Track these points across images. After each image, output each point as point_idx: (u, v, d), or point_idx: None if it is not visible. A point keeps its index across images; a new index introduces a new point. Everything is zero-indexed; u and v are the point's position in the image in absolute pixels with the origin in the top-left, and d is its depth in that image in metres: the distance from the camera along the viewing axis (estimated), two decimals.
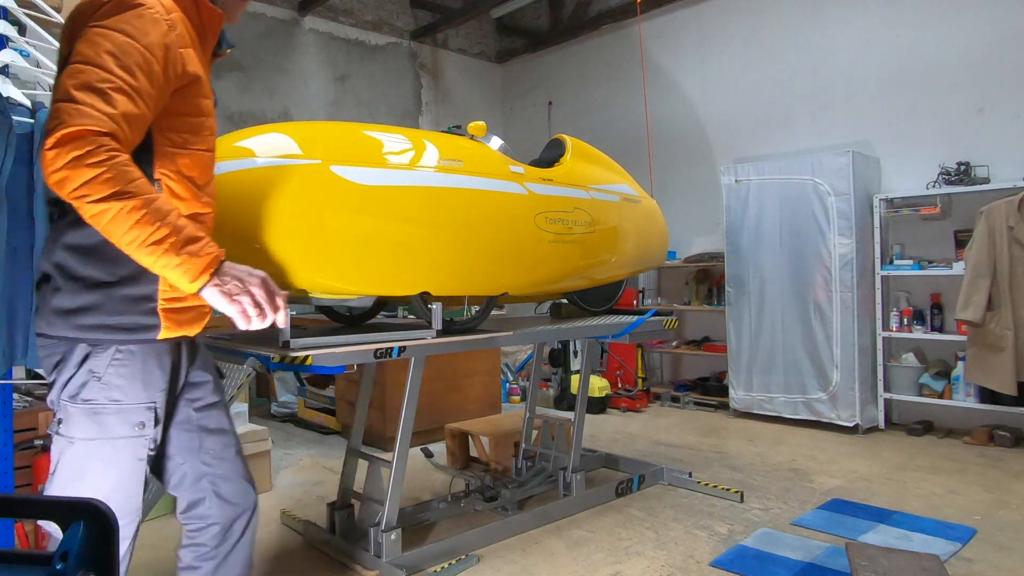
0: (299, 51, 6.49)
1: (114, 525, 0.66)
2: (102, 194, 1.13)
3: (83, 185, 1.13)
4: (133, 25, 1.23)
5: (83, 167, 1.12)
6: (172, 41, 1.28)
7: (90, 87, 1.17)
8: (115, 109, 1.17)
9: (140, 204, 1.16)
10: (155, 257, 1.18)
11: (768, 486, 3.59)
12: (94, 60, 1.19)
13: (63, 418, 1.33)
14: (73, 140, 1.13)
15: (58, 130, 1.13)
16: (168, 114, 1.33)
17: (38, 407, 3.27)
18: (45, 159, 1.14)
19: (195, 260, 1.20)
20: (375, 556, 2.61)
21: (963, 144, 4.67)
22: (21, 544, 2.79)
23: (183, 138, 1.36)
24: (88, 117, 1.14)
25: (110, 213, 1.14)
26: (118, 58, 1.20)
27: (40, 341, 1.38)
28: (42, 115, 2.51)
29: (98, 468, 1.31)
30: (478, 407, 4.94)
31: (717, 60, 6.08)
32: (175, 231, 1.19)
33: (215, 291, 1.23)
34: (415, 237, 2.43)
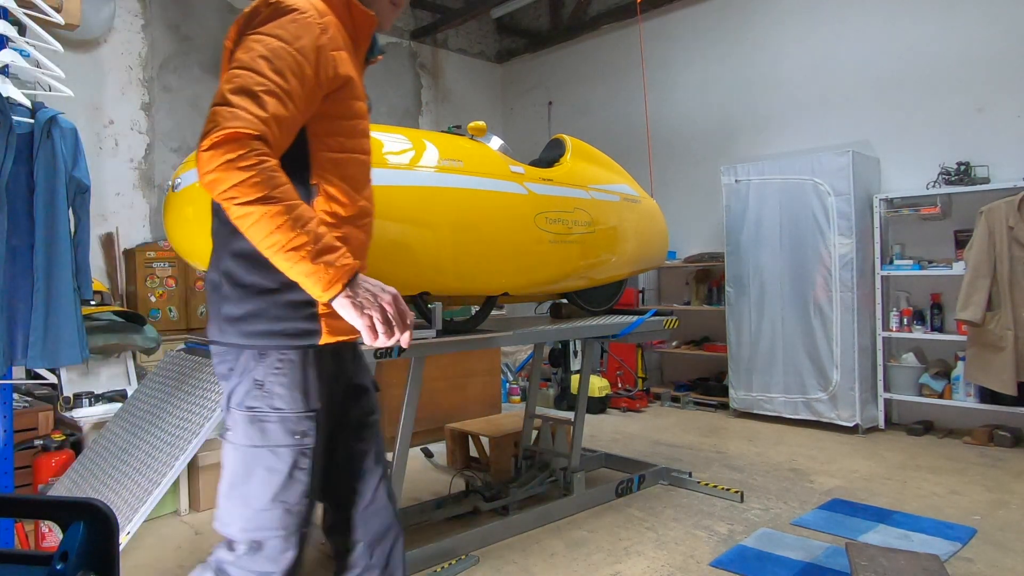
0: None
1: (114, 525, 0.66)
2: (249, 197, 1.16)
3: (232, 187, 1.15)
4: (286, 29, 1.27)
5: (234, 170, 1.15)
6: (324, 44, 1.30)
7: (243, 90, 1.20)
8: (266, 112, 1.20)
9: (283, 210, 1.17)
10: (291, 263, 1.19)
11: (768, 486, 3.59)
12: (248, 65, 1.23)
13: (230, 425, 1.36)
14: (226, 143, 1.15)
15: (212, 133, 1.15)
16: (322, 118, 1.35)
17: (38, 407, 3.27)
18: (200, 161, 1.17)
19: (329, 270, 1.20)
20: None
21: (963, 144, 4.67)
22: (21, 544, 2.79)
23: (338, 141, 1.38)
24: (240, 120, 1.17)
25: (254, 216, 1.17)
26: (271, 62, 1.23)
27: (213, 349, 1.41)
28: (42, 115, 2.51)
29: (261, 475, 1.33)
30: (478, 407, 4.94)
31: (717, 60, 6.07)
32: (313, 239, 1.19)
33: (346, 302, 1.23)
34: (415, 237, 2.43)
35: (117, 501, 2.08)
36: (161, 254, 5.13)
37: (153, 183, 5.56)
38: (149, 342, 3.58)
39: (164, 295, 5.13)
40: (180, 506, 3.33)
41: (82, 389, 3.45)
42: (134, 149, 5.46)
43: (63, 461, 2.98)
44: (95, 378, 3.54)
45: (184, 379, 2.43)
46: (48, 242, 2.51)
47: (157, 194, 5.56)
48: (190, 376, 2.42)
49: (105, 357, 3.53)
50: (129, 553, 2.84)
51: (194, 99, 5.82)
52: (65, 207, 2.56)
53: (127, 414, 2.53)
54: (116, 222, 5.31)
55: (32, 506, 0.73)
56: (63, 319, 2.53)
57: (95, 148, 5.20)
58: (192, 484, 3.36)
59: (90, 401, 3.39)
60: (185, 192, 2.16)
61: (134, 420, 2.44)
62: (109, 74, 5.32)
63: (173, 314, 5.17)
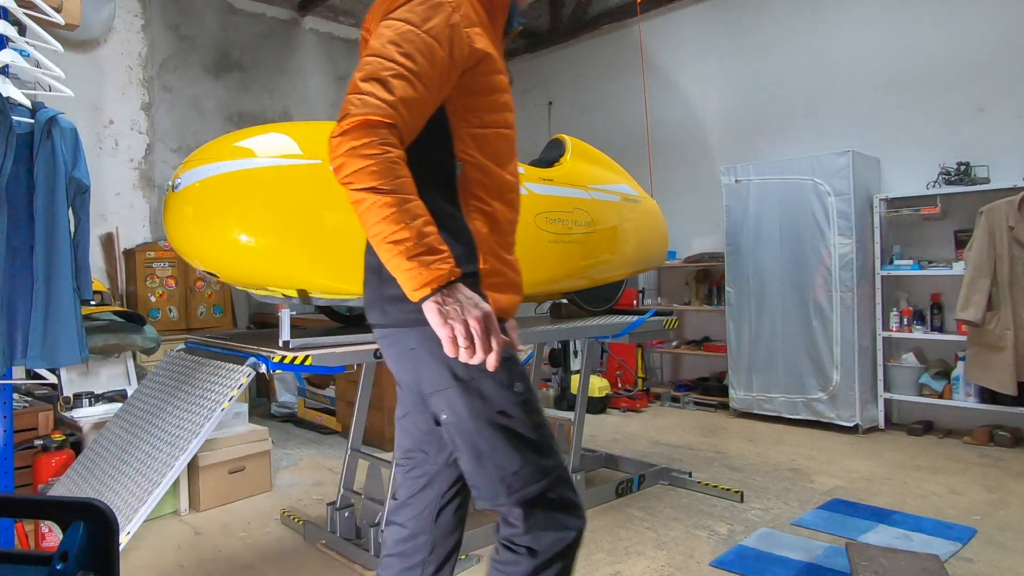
0: (299, 51, 6.49)
1: (114, 525, 0.66)
2: (364, 184, 1.18)
3: (352, 173, 1.18)
4: (415, 12, 1.28)
5: (357, 156, 1.17)
6: (457, 22, 1.30)
7: (372, 77, 1.22)
8: (393, 95, 1.21)
9: (393, 202, 1.18)
10: (390, 256, 1.20)
11: (768, 486, 3.59)
12: (378, 51, 1.25)
13: (444, 407, 1.34)
14: (354, 130, 1.18)
15: (343, 120, 1.19)
16: (462, 94, 1.35)
17: (38, 407, 3.27)
18: (330, 146, 1.21)
19: (423, 271, 1.19)
20: (375, 556, 2.61)
21: (963, 144, 4.67)
22: (21, 544, 2.79)
23: (479, 117, 1.38)
24: (368, 106, 1.19)
25: (365, 203, 1.18)
26: (399, 45, 1.24)
27: (380, 333, 1.41)
28: (42, 115, 2.51)
29: (501, 438, 1.31)
30: None
31: (717, 60, 6.07)
32: (416, 237, 1.19)
33: (433, 308, 1.20)
34: None
35: (117, 501, 2.08)
36: (161, 254, 5.14)
37: (153, 183, 5.56)
38: (149, 342, 3.58)
39: (164, 295, 5.13)
40: (180, 506, 3.33)
41: (82, 389, 3.45)
42: (134, 149, 5.46)
43: (63, 461, 2.98)
44: (95, 378, 3.54)
45: (184, 379, 2.43)
46: (48, 242, 2.51)
47: (157, 194, 5.56)
48: (190, 376, 2.42)
49: (105, 357, 3.53)
50: (129, 553, 2.84)
51: (194, 99, 5.82)
52: (65, 207, 2.56)
53: (127, 414, 2.53)
54: (116, 222, 5.31)
55: (32, 506, 0.73)
56: (63, 319, 2.53)
57: (95, 148, 5.20)
58: (192, 484, 3.36)
59: (90, 401, 3.39)
60: (185, 192, 2.16)
61: (134, 420, 2.44)
62: (109, 74, 5.32)
63: (173, 314, 5.17)
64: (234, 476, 3.48)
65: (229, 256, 2.19)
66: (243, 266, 2.22)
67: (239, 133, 2.27)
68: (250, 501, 3.49)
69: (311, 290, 2.36)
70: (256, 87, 6.20)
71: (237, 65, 6.06)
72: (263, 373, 2.22)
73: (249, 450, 3.54)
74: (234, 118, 6.04)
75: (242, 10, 6.05)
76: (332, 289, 2.37)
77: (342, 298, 2.46)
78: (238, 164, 2.14)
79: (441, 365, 1.31)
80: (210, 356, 2.47)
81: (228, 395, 2.14)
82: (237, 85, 6.07)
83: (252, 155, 2.17)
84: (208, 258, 2.23)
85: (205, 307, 5.33)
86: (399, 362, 1.41)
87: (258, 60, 6.20)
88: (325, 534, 2.91)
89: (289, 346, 2.25)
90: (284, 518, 3.20)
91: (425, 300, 1.20)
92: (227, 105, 6.01)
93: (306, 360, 2.21)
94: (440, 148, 1.34)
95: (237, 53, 6.06)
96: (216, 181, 2.13)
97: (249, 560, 2.80)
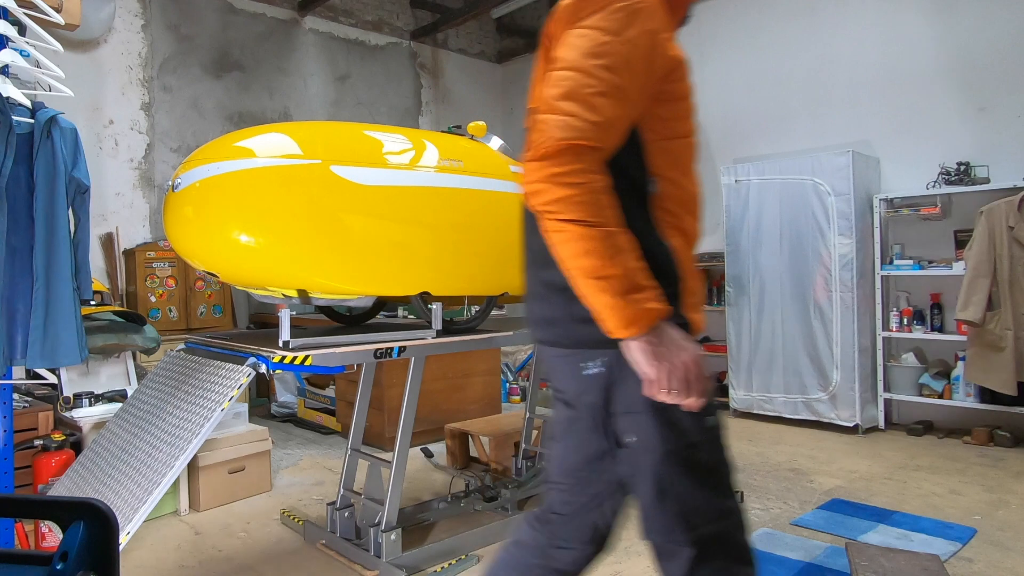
0: (299, 51, 6.49)
1: (114, 525, 0.66)
2: (569, 216, 1.10)
3: (554, 202, 1.10)
4: (612, 19, 1.17)
5: (560, 185, 1.09)
6: (654, 28, 1.21)
7: (572, 95, 1.12)
8: (600, 116, 1.12)
9: (599, 235, 1.10)
10: (595, 292, 1.12)
11: (768, 486, 3.59)
12: (575, 65, 1.14)
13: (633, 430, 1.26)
14: (557, 155, 1.09)
15: (542, 143, 1.10)
16: (654, 103, 1.26)
17: (38, 407, 3.27)
18: (526, 170, 1.13)
19: (631, 309, 1.11)
20: (375, 556, 2.61)
21: (963, 144, 4.67)
22: (21, 544, 2.80)
23: (670, 127, 1.29)
24: (572, 130, 1.10)
25: (566, 235, 1.11)
26: (598, 58, 1.14)
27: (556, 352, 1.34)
28: (42, 115, 2.51)
29: (689, 472, 1.24)
30: (478, 407, 4.94)
31: (717, 60, 6.07)
32: (624, 275, 1.11)
33: (644, 347, 1.13)
34: (415, 237, 2.43)
35: (117, 501, 2.08)
36: (161, 254, 5.14)
37: (153, 183, 5.56)
38: (149, 342, 3.58)
39: (164, 295, 5.13)
40: (180, 506, 3.33)
41: (82, 389, 3.45)
42: (134, 149, 5.46)
43: (63, 461, 2.98)
44: (95, 378, 3.54)
45: (184, 379, 2.43)
46: (48, 242, 2.51)
47: (157, 194, 5.56)
48: (190, 376, 2.42)
49: (105, 357, 3.53)
50: (129, 553, 2.84)
51: (194, 99, 5.82)
52: (65, 207, 2.56)
53: (127, 414, 2.53)
54: (116, 222, 5.31)
55: (32, 506, 0.73)
56: (63, 319, 2.53)
57: (95, 148, 5.20)
58: (192, 484, 3.36)
59: (90, 401, 3.39)
60: (185, 192, 2.16)
61: (134, 420, 2.44)
62: (109, 74, 5.32)
63: (173, 314, 5.17)
64: (234, 476, 3.48)
65: (229, 256, 2.19)
66: (243, 266, 2.22)
67: (239, 133, 2.27)
68: (250, 501, 3.49)
69: (311, 290, 2.36)
70: (256, 87, 6.20)
71: (237, 65, 6.06)
72: (263, 373, 2.22)
73: (249, 450, 3.54)
74: (234, 118, 6.04)
75: (242, 10, 6.05)
76: (332, 289, 2.38)
77: (342, 298, 2.46)
78: (238, 164, 2.14)
79: (637, 387, 1.21)
80: (210, 356, 2.47)
81: (228, 395, 2.14)
82: (237, 85, 6.07)
83: (252, 155, 2.17)
84: (208, 258, 2.23)
85: (205, 307, 5.33)
86: (573, 380, 1.32)
87: (258, 60, 6.21)
88: (325, 534, 2.91)
89: (289, 346, 2.25)
90: (284, 518, 3.20)
91: (634, 339, 1.13)
92: (227, 105, 6.01)
93: (306, 360, 2.21)
94: (634, 164, 1.24)
95: (237, 53, 6.06)
96: (216, 181, 2.13)
97: (249, 560, 2.80)
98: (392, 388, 4.44)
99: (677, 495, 1.24)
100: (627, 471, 1.30)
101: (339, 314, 3.09)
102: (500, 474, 3.76)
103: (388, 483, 2.62)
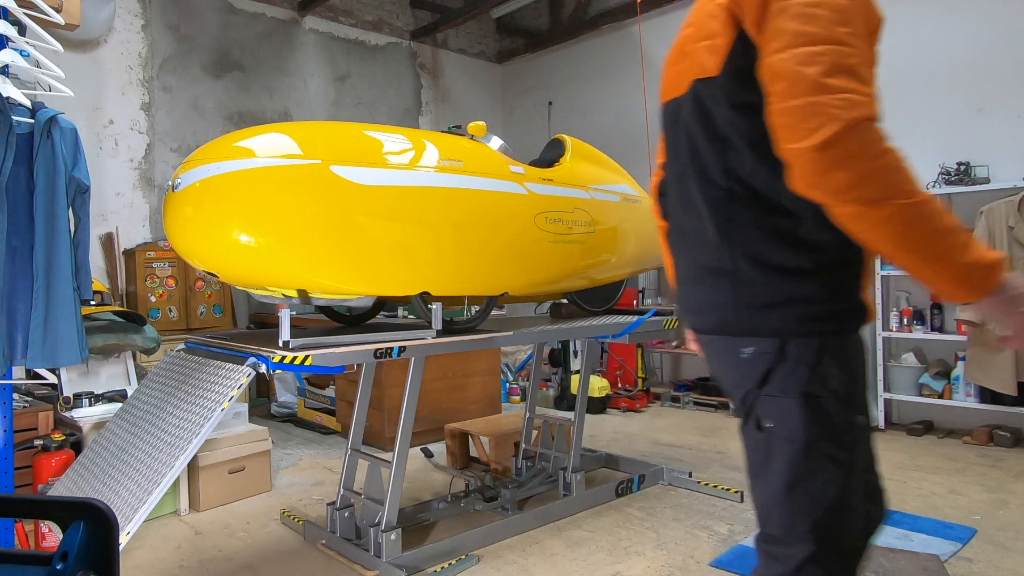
0: (299, 51, 6.49)
1: (114, 525, 0.66)
2: (899, 197, 0.99)
3: (860, 184, 1.00)
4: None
5: (864, 166, 0.99)
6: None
7: (839, 69, 1.02)
8: (871, 85, 1.04)
9: (926, 207, 1.00)
10: (939, 267, 1.02)
11: None
12: (826, 36, 1.03)
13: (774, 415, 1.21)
14: (850, 135, 0.99)
15: (824, 128, 0.99)
16: None
17: (38, 407, 3.27)
18: (807, 161, 1.02)
19: (981, 267, 1.02)
20: (375, 556, 2.61)
21: (963, 144, 4.66)
22: (21, 544, 2.80)
23: None
24: (856, 106, 1.00)
25: (903, 215, 0.99)
26: (847, 25, 1.04)
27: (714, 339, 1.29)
28: (42, 115, 2.51)
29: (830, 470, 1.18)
30: (478, 407, 4.94)
31: None
32: (960, 234, 1.02)
33: (1001, 299, 1.03)
34: (415, 237, 2.43)
35: (117, 501, 2.08)
36: (161, 254, 5.13)
37: (153, 183, 5.56)
38: (149, 342, 3.58)
39: (164, 295, 5.13)
40: (180, 506, 3.33)
41: (82, 389, 3.45)
42: (134, 149, 5.46)
43: (63, 461, 2.98)
44: (95, 378, 3.54)
45: (184, 379, 2.43)
46: (48, 242, 2.51)
47: (157, 194, 5.56)
48: (190, 376, 2.42)
49: (105, 357, 3.53)
50: (129, 553, 2.84)
51: (194, 99, 5.82)
52: (65, 207, 2.56)
53: (127, 414, 2.53)
54: (116, 222, 5.31)
55: (32, 506, 0.73)
56: (63, 319, 2.53)
57: (95, 148, 5.20)
58: (192, 484, 3.36)
59: (90, 401, 3.39)
60: (185, 192, 2.16)
61: (134, 420, 2.44)
62: (109, 74, 5.32)
63: (173, 314, 5.17)
64: (234, 476, 3.48)
65: (229, 256, 2.19)
66: (243, 266, 2.22)
67: (239, 133, 2.27)
68: (250, 501, 3.49)
69: (311, 290, 2.36)
70: (256, 87, 6.20)
71: (237, 65, 6.06)
72: (263, 373, 2.22)
73: (249, 450, 3.54)
74: (234, 118, 6.04)
75: (242, 10, 6.05)
76: (332, 289, 2.38)
77: (342, 298, 2.46)
78: (238, 164, 2.14)
79: (797, 374, 1.17)
80: (210, 356, 2.47)
81: (228, 395, 2.14)
82: (237, 85, 6.07)
83: (252, 155, 2.16)
84: (208, 258, 2.23)
85: (205, 307, 5.33)
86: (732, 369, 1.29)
87: (258, 60, 6.20)
88: (325, 534, 2.91)
89: (289, 346, 2.25)
90: (284, 518, 3.20)
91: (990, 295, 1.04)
92: (227, 105, 6.01)
93: (306, 360, 2.21)
94: None
95: (237, 53, 6.06)
96: (216, 181, 2.13)
97: (249, 560, 2.80)
98: (392, 388, 4.44)
99: (810, 490, 1.18)
100: (758, 457, 1.27)
101: (339, 314, 3.09)
102: (500, 474, 3.76)
103: (388, 483, 2.62)
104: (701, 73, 1.24)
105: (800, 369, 1.17)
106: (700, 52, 1.24)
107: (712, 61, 1.21)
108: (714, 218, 1.24)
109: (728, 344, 1.27)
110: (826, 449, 1.18)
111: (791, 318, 1.18)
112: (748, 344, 1.22)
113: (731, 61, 1.18)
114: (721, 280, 1.25)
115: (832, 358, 1.17)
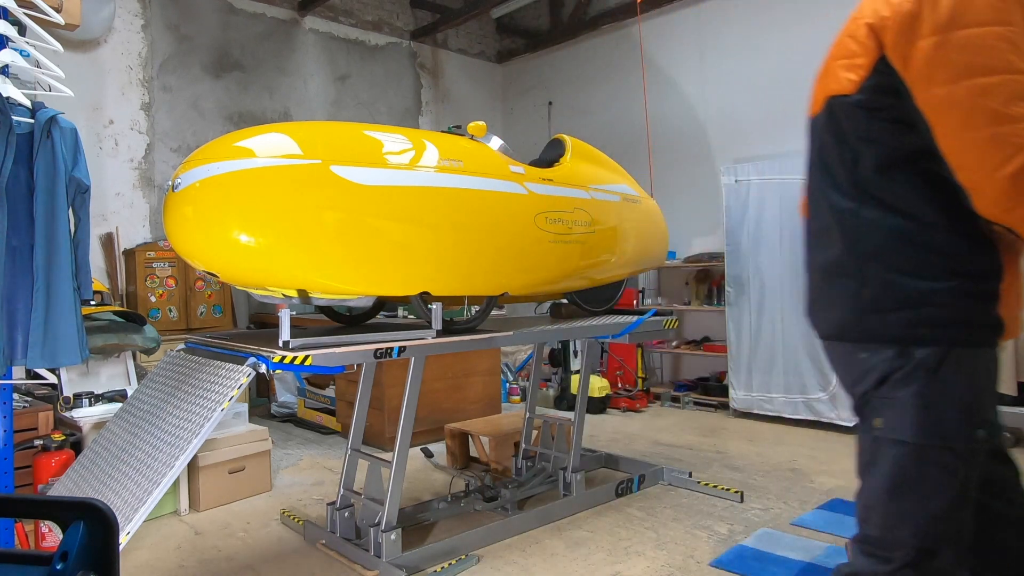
0: (299, 51, 6.49)
1: (114, 525, 0.66)
2: None
3: None
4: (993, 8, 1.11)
5: None
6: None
7: (1017, 97, 1.07)
8: None
9: None
10: None
11: (768, 486, 3.59)
12: (999, 65, 1.09)
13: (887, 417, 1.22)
14: None
15: (1015, 157, 1.05)
16: None
17: (38, 407, 3.27)
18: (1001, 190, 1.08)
19: None
20: (375, 556, 2.61)
21: None
22: (21, 544, 2.80)
23: None
24: None
25: None
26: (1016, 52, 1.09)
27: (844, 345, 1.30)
28: (42, 115, 2.51)
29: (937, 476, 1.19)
30: (478, 407, 4.94)
31: (717, 60, 6.07)
32: None
33: None
34: (415, 237, 2.43)
35: (117, 501, 2.08)
36: (161, 254, 5.14)
37: (153, 183, 5.56)
38: (149, 342, 3.58)
39: (164, 295, 5.13)
40: (180, 506, 3.33)
41: (82, 389, 3.45)
42: (134, 149, 5.46)
43: (63, 461, 2.98)
44: (95, 378, 3.54)
45: (184, 379, 2.43)
46: (48, 242, 2.51)
47: (157, 194, 5.56)
48: (190, 376, 2.42)
49: (105, 357, 3.53)
50: (129, 553, 2.84)
51: (194, 99, 5.82)
52: (65, 207, 2.56)
53: (127, 414, 2.53)
54: (116, 222, 5.31)
55: (32, 506, 0.73)
56: (63, 319, 2.53)
57: (95, 148, 5.20)
58: (192, 484, 3.36)
59: (90, 401, 3.39)
60: (185, 192, 2.16)
61: (134, 420, 2.44)
62: (109, 74, 5.32)
63: (173, 314, 5.17)
64: (234, 476, 3.48)
65: (229, 256, 2.19)
66: (243, 266, 2.22)
67: (239, 133, 2.27)
68: (250, 501, 3.49)
69: (311, 290, 2.36)
70: (256, 87, 6.20)
71: (237, 65, 6.06)
72: (263, 373, 2.22)
73: (249, 450, 3.54)
74: (234, 118, 6.04)
75: (242, 10, 6.05)
76: (332, 289, 2.37)
77: (342, 298, 2.46)
78: (238, 164, 2.14)
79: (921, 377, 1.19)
80: (210, 356, 2.47)
81: (228, 395, 2.14)
82: (237, 85, 6.07)
83: (252, 155, 2.16)
84: (208, 258, 2.23)
85: (205, 307, 5.33)
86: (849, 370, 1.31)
87: (258, 60, 6.20)
88: (325, 534, 2.91)
89: (289, 346, 2.25)
90: (284, 518, 3.20)
91: None
92: (227, 105, 6.01)
93: (306, 360, 2.21)
94: None
95: (237, 53, 6.06)
96: (216, 181, 2.13)
97: (249, 560, 2.80)
98: (392, 388, 4.44)
99: (919, 496, 1.18)
100: (865, 457, 1.28)
101: (339, 314, 3.09)
102: (500, 474, 3.76)
103: (388, 483, 2.62)
104: (837, 91, 1.30)
105: (918, 373, 1.19)
106: (838, 70, 1.31)
107: (848, 80, 1.27)
108: (842, 225, 1.29)
109: (849, 346, 1.29)
110: (937, 456, 1.18)
111: (914, 323, 1.20)
112: (869, 346, 1.25)
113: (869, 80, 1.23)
114: (847, 281, 1.29)
115: (955, 367, 1.19)
